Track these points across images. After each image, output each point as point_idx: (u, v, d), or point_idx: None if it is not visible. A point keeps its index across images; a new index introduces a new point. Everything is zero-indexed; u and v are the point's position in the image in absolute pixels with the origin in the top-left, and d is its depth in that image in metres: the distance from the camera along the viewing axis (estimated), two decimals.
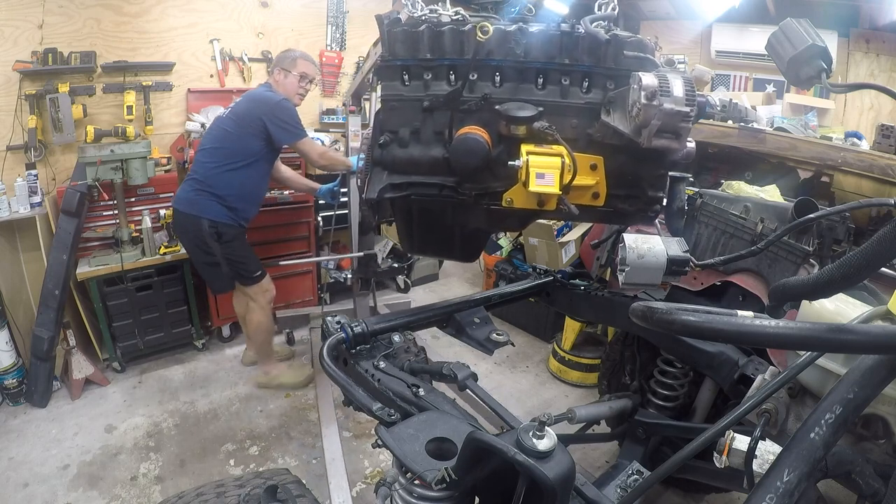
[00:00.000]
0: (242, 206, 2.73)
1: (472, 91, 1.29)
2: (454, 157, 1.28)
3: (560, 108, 1.29)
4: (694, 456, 0.88)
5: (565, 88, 1.30)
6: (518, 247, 4.04)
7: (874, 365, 0.80)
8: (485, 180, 1.34)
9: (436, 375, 1.31)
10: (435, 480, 0.85)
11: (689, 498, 2.26)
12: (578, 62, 1.28)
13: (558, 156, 1.20)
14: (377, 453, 2.47)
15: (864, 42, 3.73)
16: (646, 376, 2.02)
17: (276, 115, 2.62)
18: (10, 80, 2.96)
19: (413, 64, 1.32)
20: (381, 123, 1.38)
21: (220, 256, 2.70)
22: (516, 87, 1.30)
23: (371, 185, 1.39)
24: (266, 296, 2.90)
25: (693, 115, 1.04)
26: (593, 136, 1.29)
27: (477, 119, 1.30)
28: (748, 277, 1.69)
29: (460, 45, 1.29)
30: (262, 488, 1.14)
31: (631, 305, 0.84)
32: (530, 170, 1.18)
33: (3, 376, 2.78)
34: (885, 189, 2.44)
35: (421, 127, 1.34)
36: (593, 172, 1.28)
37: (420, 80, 1.32)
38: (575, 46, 1.27)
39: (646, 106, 1.02)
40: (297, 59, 2.77)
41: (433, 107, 1.32)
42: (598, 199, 1.31)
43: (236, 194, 2.68)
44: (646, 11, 4.69)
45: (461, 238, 1.63)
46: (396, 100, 1.34)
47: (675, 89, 1.01)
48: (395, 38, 1.31)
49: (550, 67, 1.29)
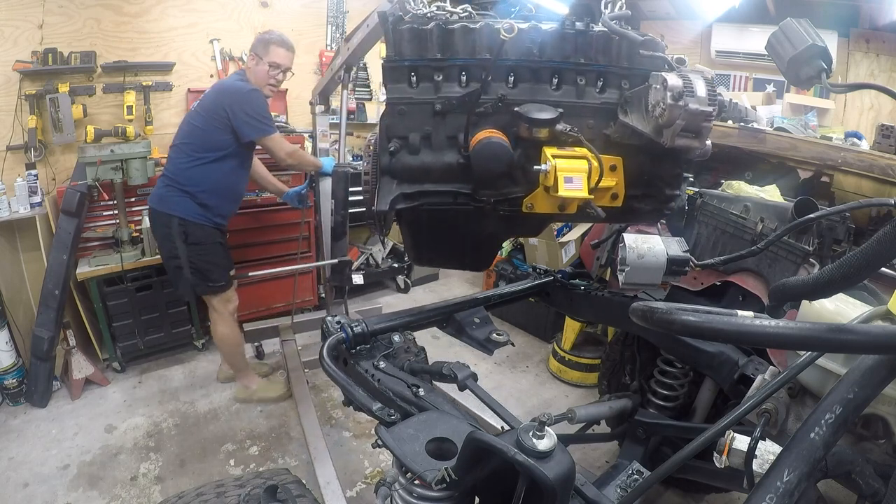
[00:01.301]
0: (215, 203, 2.57)
1: (486, 93, 1.23)
2: (476, 162, 1.21)
3: (576, 108, 1.26)
4: (694, 456, 0.88)
5: (581, 88, 1.27)
6: (518, 247, 4.04)
7: (874, 365, 0.80)
8: (503, 186, 1.29)
9: (436, 375, 1.31)
10: (435, 480, 0.85)
11: (689, 498, 2.26)
12: (594, 61, 1.26)
13: (584, 158, 1.17)
14: (377, 453, 2.47)
15: (864, 42, 3.73)
16: (646, 376, 2.02)
17: (242, 107, 2.42)
18: (10, 80, 2.96)
19: (422, 64, 1.24)
20: (387, 129, 1.28)
21: (183, 259, 2.54)
22: (531, 87, 1.25)
23: (381, 195, 1.29)
24: (228, 307, 2.72)
25: (715, 115, 1.03)
26: (611, 136, 1.27)
27: (493, 122, 1.24)
28: (748, 277, 1.69)
29: (472, 44, 1.22)
30: (262, 488, 1.14)
31: (631, 305, 0.84)
32: (558, 174, 1.13)
33: (3, 376, 2.78)
34: (885, 189, 2.44)
35: (433, 132, 1.27)
36: (613, 174, 1.25)
37: (430, 81, 1.25)
38: (590, 45, 1.25)
39: (671, 106, 1.00)
40: (271, 44, 2.52)
41: (446, 110, 1.24)
42: (617, 199, 1.29)
43: (207, 190, 2.52)
44: (646, 11, 4.68)
45: (473, 247, 1.56)
46: (405, 103, 1.25)
47: (699, 89, 1.00)
48: (401, 36, 1.23)
49: (566, 67, 1.25)
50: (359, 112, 4.37)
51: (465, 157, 1.25)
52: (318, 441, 2.41)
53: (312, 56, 4.14)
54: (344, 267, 2.75)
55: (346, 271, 2.77)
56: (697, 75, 1.03)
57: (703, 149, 1.11)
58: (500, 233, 1.51)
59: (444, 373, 1.29)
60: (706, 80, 1.03)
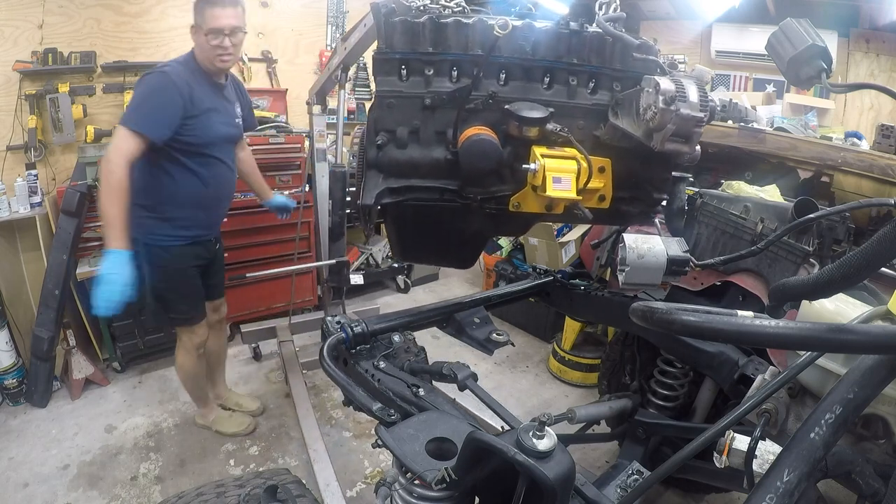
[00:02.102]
0: (179, 214, 2.11)
1: (477, 89, 1.22)
2: (465, 159, 1.20)
3: (567, 108, 1.26)
4: (694, 456, 0.88)
5: (572, 89, 1.27)
6: (518, 247, 4.04)
7: (874, 365, 0.80)
8: (491, 184, 1.29)
9: (436, 375, 1.31)
10: (435, 480, 0.85)
11: (689, 498, 2.26)
12: (586, 62, 1.26)
13: (573, 159, 1.17)
14: (377, 453, 2.47)
15: (864, 42, 3.73)
16: (646, 376, 2.02)
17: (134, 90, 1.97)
18: (10, 80, 2.96)
19: (413, 57, 1.22)
20: (375, 122, 1.27)
21: (147, 284, 2.12)
22: (523, 85, 1.25)
23: (367, 189, 1.29)
24: (193, 339, 2.37)
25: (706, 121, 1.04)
26: (601, 138, 1.27)
27: (482, 119, 1.23)
28: (748, 277, 1.69)
29: (465, 39, 1.21)
30: (262, 488, 1.14)
31: (631, 305, 0.84)
32: (547, 174, 1.14)
33: (3, 376, 2.78)
34: (885, 189, 2.44)
35: (421, 126, 1.26)
36: (601, 175, 1.26)
37: (420, 75, 1.24)
38: (583, 46, 1.25)
39: (663, 110, 1.01)
40: (205, 8, 1.97)
41: (435, 105, 1.23)
42: (605, 201, 1.29)
43: (163, 200, 2.08)
44: (646, 11, 4.69)
45: (458, 244, 1.56)
46: (394, 96, 1.24)
47: (691, 95, 1.01)
48: (393, 28, 1.21)
49: (558, 66, 1.25)
50: (359, 112, 4.37)
51: (454, 154, 1.24)
52: (317, 441, 2.40)
53: (312, 56, 4.14)
54: (342, 268, 2.66)
55: (343, 272, 2.70)
56: (690, 80, 1.04)
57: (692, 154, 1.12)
58: (485, 230, 1.50)
59: (444, 373, 1.29)
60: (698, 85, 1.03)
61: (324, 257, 2.90)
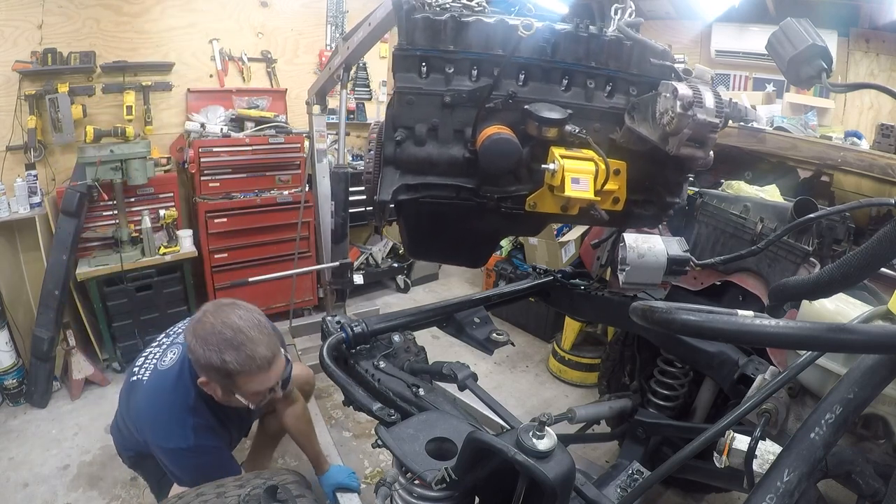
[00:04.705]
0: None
1: (496, 88, 1.22)
2: (485, 158, 1.20)
3: (585, 111, 1.27)
4: (694, 456, 0.88)
5: (590, 92, 1.28)
6: (518, 246, 4.04)
7: (874, 365, 0.80)
8: (508, 183, 1.29)
9: (436, 375, 1.32)
10: (435, 480, 0.85)
11: (689, 498, 2.26)
12: (605, 66, 1.27)
13: (591, 160, 1.18)
14: (377, 453, 2.47)
15: (864, 42, 3.72)
16: (646, 376, 2.02)
17: (166, 460, 1.57)
18: (9, 81, 2.96)
19: (434, 55, 1.23)
20: (394, 118, 1.27)
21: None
22: (541, 87, 1.26)
23: (383, 185, 1.29)
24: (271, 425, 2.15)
25: (721, 127, 1.05)
26: (617, 141, 1.28)
27: (501, 118, 1.24)
28: (748, 277, 1.69)
29: (486, 38, 1.22)
30: (262, 488, 1.14)
31: (631, 305, 0.84)
32: (566, 174, 1.14)
33: (3, 376, 2.78)
34: (885, 189, 2.44)
35: (440, 124, 1.26)
36: (616, 178, 1.26)
37: (441, 73, 1.24)
38: (602, 50, 1.26)
39: (680, 115, 1.02)
40: (236, 376, 1.41)
41: (455, 103, 1.24)
42: (618, 203, 1.30)
43: None
44: (645, 11, 4.68)
45: (471, 243, 1.56)
46: (414, 93, 1.24)
47: (708, 101, 1.03)
48: (414, 25, 1.21)
49: (577, 69, 1.26)
50: (358, 112, 4.37)
51: (471, 152, 1.25)
52: None
53: (312, 56, 4.14)
54: (345, 270, 2.66)
55: (347, 274, 2.68)
56: (706, 87, 1.05)
57: (706, 159, 1.12)
58: (500, 230, 1.51)
59: (444, 373, 1.30)
60: (714, 92, 1.04)
61: (325, 259, 2.90)
